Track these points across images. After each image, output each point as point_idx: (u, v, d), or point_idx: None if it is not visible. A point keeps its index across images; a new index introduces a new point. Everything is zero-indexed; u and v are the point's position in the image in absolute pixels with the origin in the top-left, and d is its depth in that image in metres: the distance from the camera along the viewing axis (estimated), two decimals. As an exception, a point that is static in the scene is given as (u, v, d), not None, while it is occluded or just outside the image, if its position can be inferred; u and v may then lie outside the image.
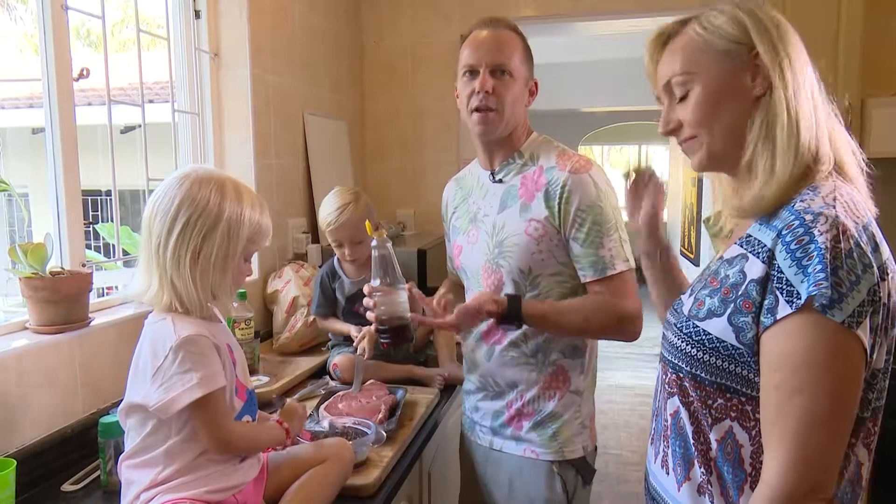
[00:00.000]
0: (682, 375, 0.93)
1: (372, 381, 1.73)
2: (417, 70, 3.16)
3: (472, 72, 1.41)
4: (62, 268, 1.50)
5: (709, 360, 0.89)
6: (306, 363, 2.00)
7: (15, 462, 1.18)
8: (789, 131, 0.88)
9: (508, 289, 1.45)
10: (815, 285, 0.78)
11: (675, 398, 0.95)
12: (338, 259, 2.02)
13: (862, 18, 2.36)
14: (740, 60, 0.91)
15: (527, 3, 3.02)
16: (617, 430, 4.16)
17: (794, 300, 0.79)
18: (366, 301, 1.42)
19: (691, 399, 0.92)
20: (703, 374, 0.90)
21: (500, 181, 1.49)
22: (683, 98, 0.96)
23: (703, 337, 0.90)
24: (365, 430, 1.41)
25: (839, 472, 0.84)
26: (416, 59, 3.15)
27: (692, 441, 0.93)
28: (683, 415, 0.94)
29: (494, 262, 1.46)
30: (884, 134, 2.42)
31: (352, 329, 1.91)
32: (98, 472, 1.34)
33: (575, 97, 7.06)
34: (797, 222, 0.83)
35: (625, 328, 1.39)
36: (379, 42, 3.19)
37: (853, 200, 0.86)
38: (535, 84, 1.49)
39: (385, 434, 1.45)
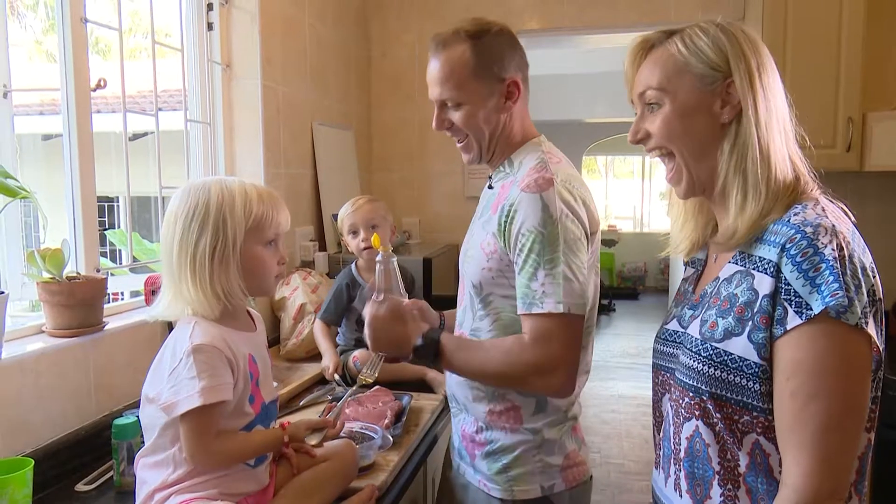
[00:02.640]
0: (704, 398, 0.93)
1: (377, 387, 1.76)
2: (423, 81, 3.19)
3: (435, 104, 1.39)
4: (78, 273, 1.54)
5: (733, 380, 0.90)
6: (313, 369, 2.03)
7: (32, 461, 1.20)
8: (761, 164, 0.92)
9: (466, 301, 1.38)
10: (832, 296, 0.81)
11: (694, 421, 0.95)
12: (355, 266, 2.07)
13: (863, 33, 2.39)
14: (713, 87, 0.94)
15: (531, 17, 3.06)
16: (619, 440, 4.17)
17: (805, 311, 0.83)
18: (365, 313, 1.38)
19: (714, 420, 0.92)
20: (727, 394, 0.91)
21: (491, 188, 1.42)
22: (652, 109, 0.99)
23: (726, 357, 0.90)
24: (372, 434, 1.44)
25: (860, 459, 0.88)
26: (423, 70, 3.19)
27: (716, 460, 0.93)
28: (705, 435, 0.94)
29: (463, 271, 1.42)
30: (885, 148, 2.45)
31: (322, 364, 1.98)
32: (111, 473, 1.37)
33: (578, 108, 7.11)
34: (798, 235, 0.86)
35: (535, 379, 1.21)
36: (385, 55, 3.24)
37: (837, 210, 0.91)
38: (513, 83, 1.34)
39: (392, 439, 1.48)
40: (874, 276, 0.86)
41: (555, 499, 1.33)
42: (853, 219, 0.93)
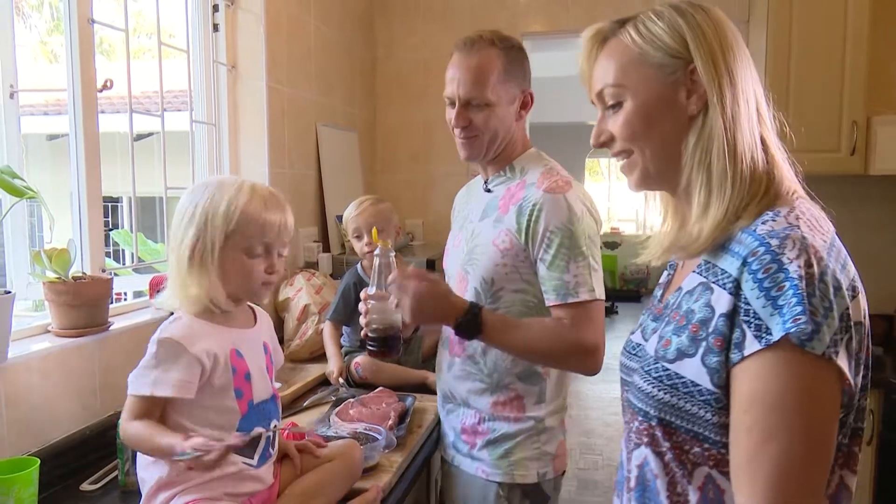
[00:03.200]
0: (653, 424, 0.83)
1: (381, 388, 1.77)
2: (429, 83, 3.21)
3: (451, 102, 1.41)
4: (84, 273, 1.55)
5: (683, 407, 0.80)
6: (317, 370, 2.04)
7: (38, 461, 1.21)
8: (728, 157, 0.82)
9: (470, 298, 1.40)
10: (793, 321, 0.70)
11: (643, 448, 0.86)
12: (361, 265, 2.08)
13: (867, 36, 2.39)
14: (675, 76, 0.84)
15: (535, 19, 3.07)
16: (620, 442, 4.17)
17: (764, 335, 0.72)
18: (360, 306, 1.40)
19: (663, 449, 0.83)
20: (677, 422, 0.81)
21: (489, 191, 1.48)
22: (615, 109, 0.89)
23: (677, 381, 0.80)
24: (376, 435, 1.44)
25: (831, 500, 0.80)
26: (428, 72, 3.21)
27: (666, 493, 0.83)
28: (654, 466, 0.84)
29: (464, 269, 1.46)
30: (889, 152, 2.44)
31: (328, 368, 1.98)
32: (116, 473, 1.38)
33: (582, 110, 7.10)
34: (762, 249, 0.75)
35: (576, 358, 1.34)
36: (389, 57, 3.25)
37: (815, 216, 0.81)
38: (530, 95, 1.45)
39: (395, 440, 1.49)
40: (852, 297, 0.74)
41: (545, 486, 1.43)
42: (833, 226, 0.82)
